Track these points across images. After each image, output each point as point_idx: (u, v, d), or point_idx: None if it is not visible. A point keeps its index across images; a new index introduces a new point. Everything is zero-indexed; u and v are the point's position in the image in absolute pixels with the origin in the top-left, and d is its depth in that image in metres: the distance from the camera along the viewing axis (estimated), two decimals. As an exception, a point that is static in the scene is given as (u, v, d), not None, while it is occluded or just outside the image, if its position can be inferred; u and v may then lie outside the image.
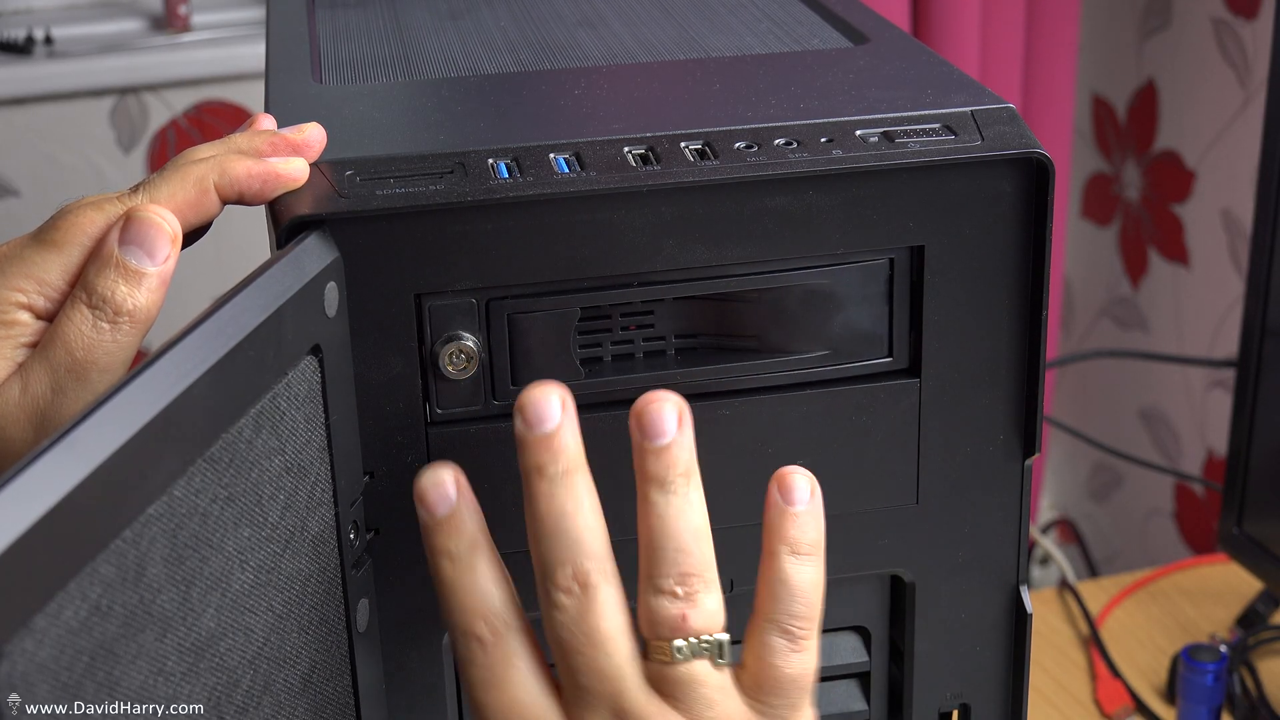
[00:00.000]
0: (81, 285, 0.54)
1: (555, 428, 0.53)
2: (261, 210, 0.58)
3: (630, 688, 0.53)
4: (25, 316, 0.55)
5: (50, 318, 0.55)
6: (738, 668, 0.55)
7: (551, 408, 0.53)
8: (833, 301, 0.60)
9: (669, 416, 0.53)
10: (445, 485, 0.54)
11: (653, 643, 0.53)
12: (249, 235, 1.76)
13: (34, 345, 0.55)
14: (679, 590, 0.53)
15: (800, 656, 0.55)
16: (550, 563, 0.53)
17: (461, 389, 0.58)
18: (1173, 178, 1.78)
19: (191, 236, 0.58)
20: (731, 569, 0.62)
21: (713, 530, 0.61)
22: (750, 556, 0.62)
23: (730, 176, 0.56)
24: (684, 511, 0.54)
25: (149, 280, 0.54)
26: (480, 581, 0.54)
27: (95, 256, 0.54)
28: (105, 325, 0.54)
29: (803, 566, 0.55)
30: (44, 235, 0.55)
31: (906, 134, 0.58)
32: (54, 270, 0.55)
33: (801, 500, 0.55)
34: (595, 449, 0.59)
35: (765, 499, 0.55)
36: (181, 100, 1.83)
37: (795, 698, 0.55)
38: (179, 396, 0.45)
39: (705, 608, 0.54)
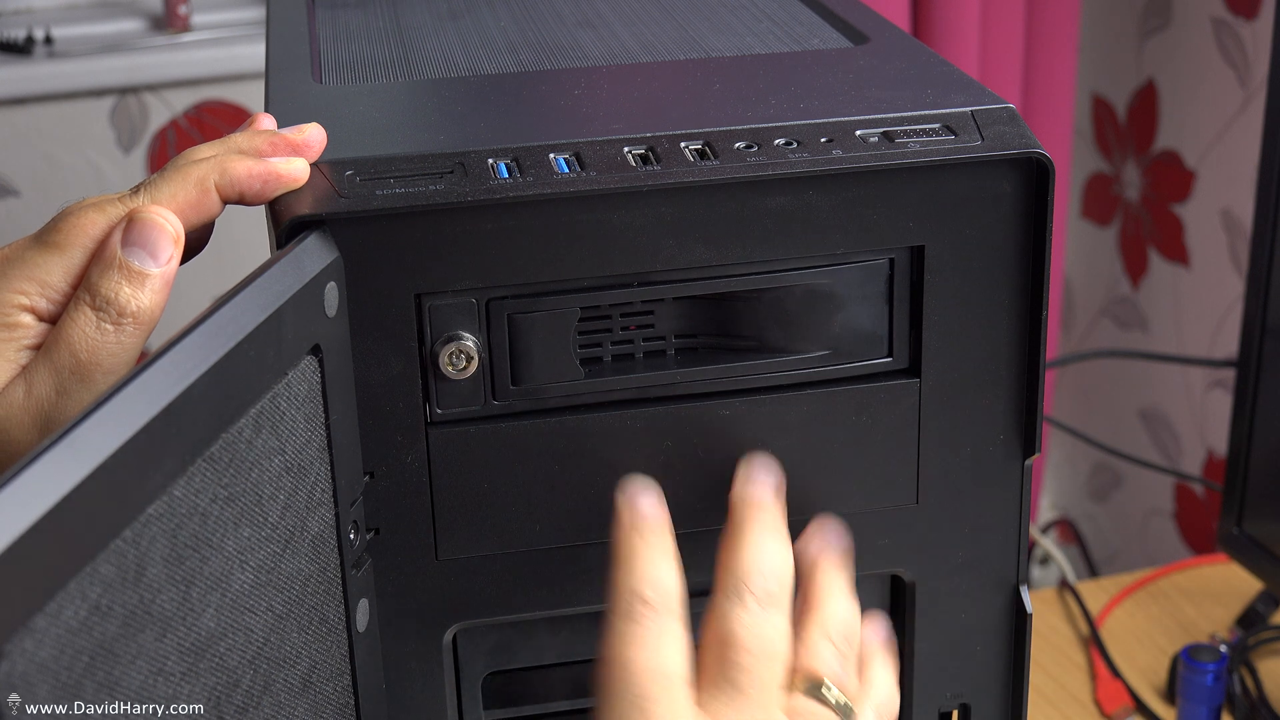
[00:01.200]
0: (85, 287, 0.54)
1: (778, 489, 0.59)
2: (261, 210, 0.58)
3: (773, 702, 0.56)
4: (28, 319, 0.55)
5: (53, 320, 0.55)
6: None
7: (770, 472, 0.59)
8: (833, 301, 0.60)
9: None
10: (651, 496, 0.58)
11: (809, 674, 0.57)
12: (249, 235, 1.76)
13: (37, 347, 0.55)
14: (842, 647, 0.58)
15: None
16: (753, 566, 0.57)
17: (461, 389, 0.58)
18: (1173, 178, 1.78)
19: (193, 248, 0.58)
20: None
21: (712, 530, 0.61)
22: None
23: (730, 176, 0.56)
24: (856, 605, 0.60)
25: (152, 281, 0.54)
26: (662, 558, 0.57)
27: (98, 258, 0.54)
28: (109, 326, 0.54)
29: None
30: (46, 237, 0.55)
31: (906, 134, 0.58)
32: (56, 272, 0.55)
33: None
34: (596, 449, 0.60)
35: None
36: (181, 100, 1.83)
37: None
38: (179, 396, 0.45)
39: (853, 674, 0.59)
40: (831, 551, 0.60)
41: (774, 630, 0.56)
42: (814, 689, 0.57)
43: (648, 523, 0.57)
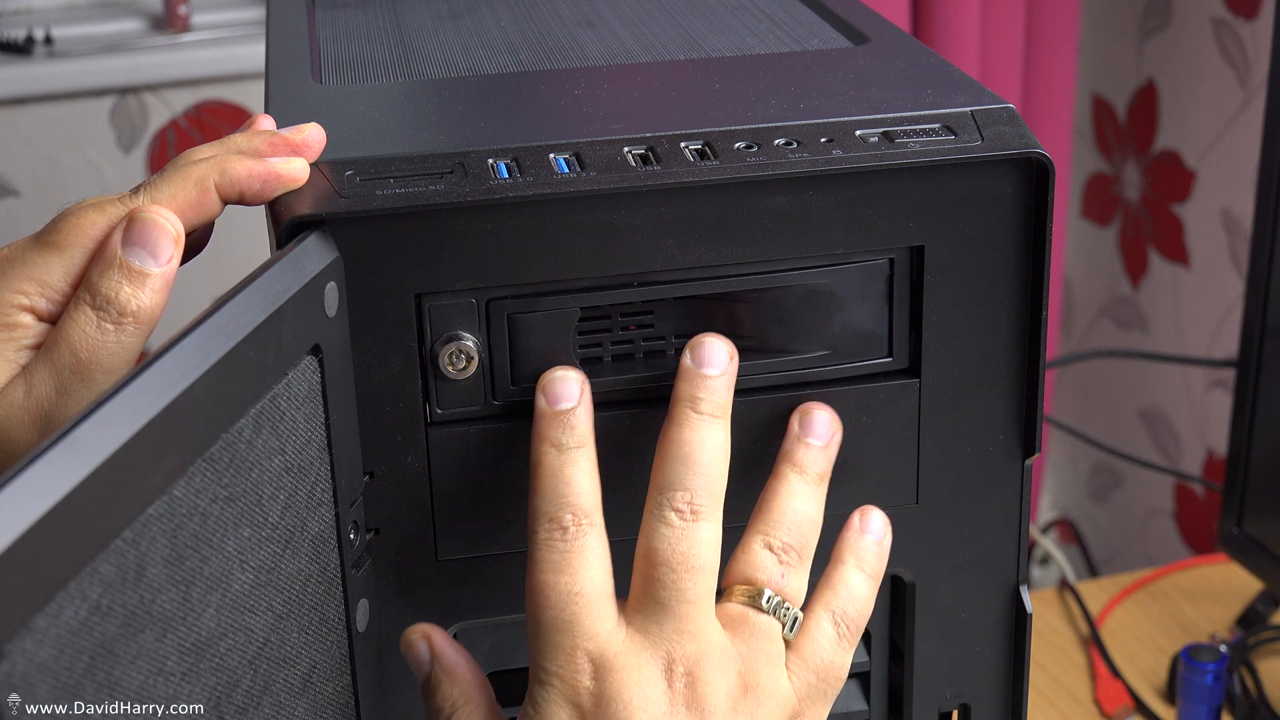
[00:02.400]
0: (85, 287, 0.54)
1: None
2: (261, 210, 0.58)
3: (704, 614, 0.55)
4: (28, 319, 0.55)
5: (53, 320, 0.55)
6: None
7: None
8: (833, 301, 0.60)
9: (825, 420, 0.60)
10: (571, 382, 0.57)
11: (740, 585, 0.56)
12: (249, 235, 1.76)
13: (37, 347, 0.55)
14: (784, 556, 0.57)
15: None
16: (671, 481, 0.56)
17: (461, 389, 0.58)
18: (1173, 178, 1.78)
19: (193, 249, 0.58)
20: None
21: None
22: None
23: (730, 176, 0.56)
24: (808, 497, 0.58)
25: (153, 281, 0.54)
26: (579, 476, 0.56)
27: (98, 258, 0.54)
28: (109, 326, 0.54)
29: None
30: (46, 237, 0.55)
31: (906, 134, 0.58)
32: (56, 272, 0.55)
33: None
34: (597, 448, 0.59)
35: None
36: (181, 100, 1.83)
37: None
38: (179, 396, 0.45)
39: (799, 582, 0.58)
40: (799, 448, 0.59)
41: (697, 543, 0.55)
42: (751, 598, 0.56)
43: (560, 431, 0.56)
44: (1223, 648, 1.14)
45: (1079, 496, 2.07)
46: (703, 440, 0.56)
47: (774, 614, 0.56)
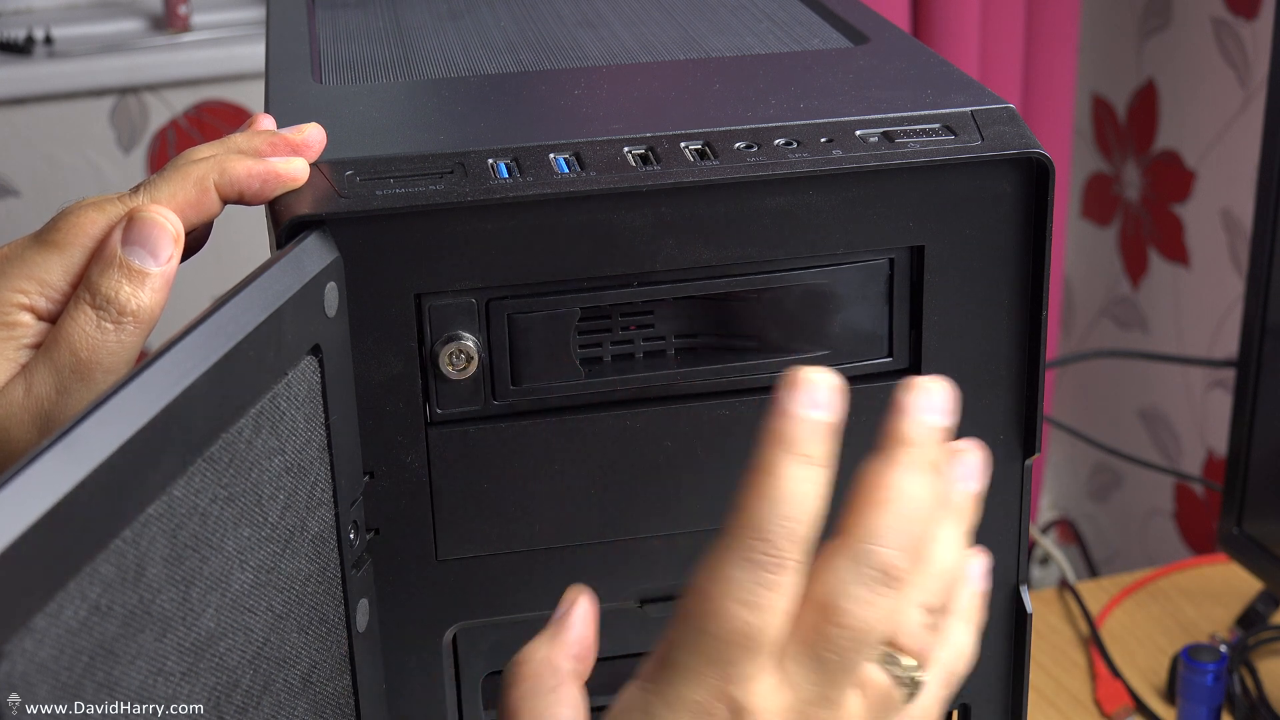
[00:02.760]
0: (85, 286, 0.54)
1: (944, 422, 0.51)
2: (261, 210, 0.58)
3: (853, 681, 0.50)
4: (27, 318, 0.55)
5: (52, 319, 0.55)
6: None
7: (937, 398, 0.51)
8: (833, 301, 0.60)
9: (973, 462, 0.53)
10: (836, 392, 0.49)
11: (889, 641, 0.51)
12: (249, 235, 1.76)
13: (36, 346, 0.55)
14: (928, 617, 0.51)
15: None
16: (880, 535, 0.49)
17: (461, 389, 0.58)
18: (1173, 178, 1.78)
19: (192, 247, 0.58)
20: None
21: (712, 530, 0.61)
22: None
23: (730, 176, 0.56)
24: (965, 556, 0.53)
25: (152, 280, 0.54)
26: (801, 489, 0.49)
27: (98, 257, 0.54)
28: (109, 325, 0.54)
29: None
30: (45, 236, 0.55)
31: (906, 134, 0.58)
32: (56, 271, 0.55)
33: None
34: (596, 449, 0.59)
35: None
36: (181, 100, 1.83)
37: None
38: (179, 396, 0.45)
39: (937, 652, 0.52)
40: (958, 491, 0.53)
41: (882, 614, 0.49)
42: (889, 661, 0.50)
43: (798, 436, 0.49)
44: (1223, 648, 1.14)
45: (1079, 496, 2.07)
46: (912, 491, 0.50)
47: (903, 683, 0.51)
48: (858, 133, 0.58)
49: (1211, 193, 1.72)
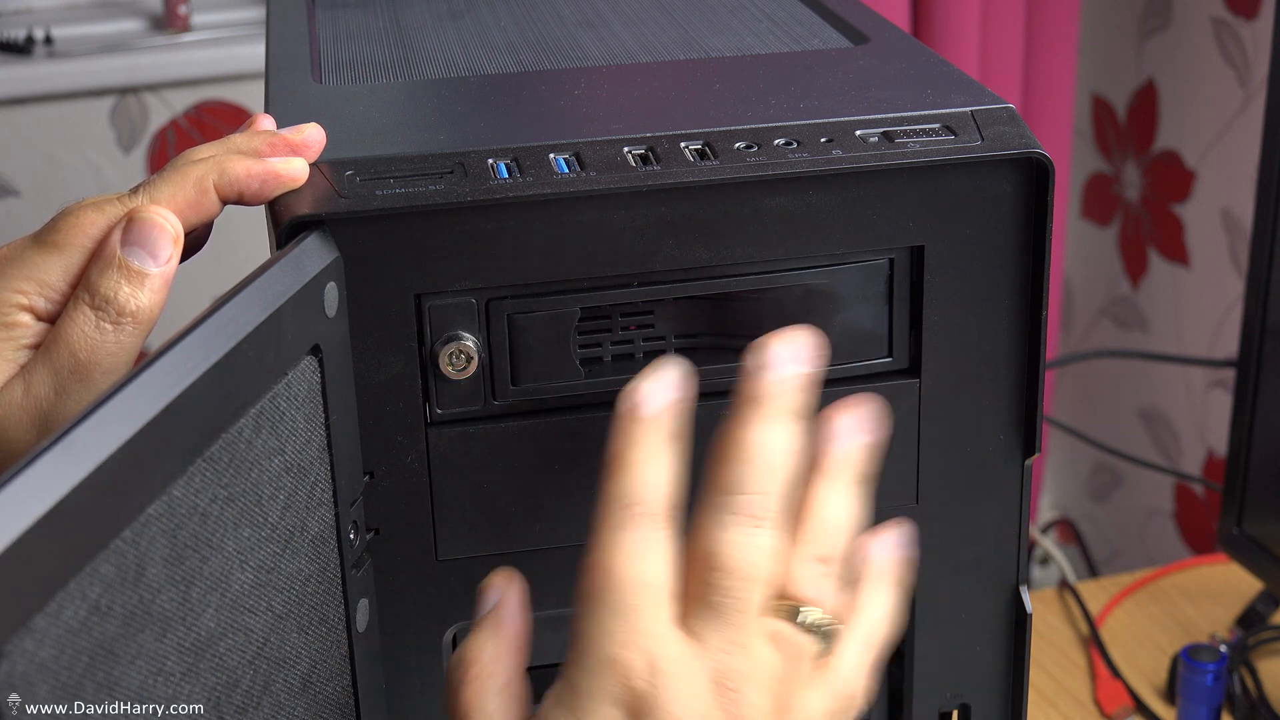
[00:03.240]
0: (84, 286, 0.54)
1: (797, 372, 0.54)
2: (261, 210, 0.58)
3: (757, 626, 0.53)
4: (27, 318, 0.55)
5: (52, 319, 0.55)
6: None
7: (787, 351, 0.55)
8: (833, 301, 0.60)
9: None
10: (664, 383, 0.54)
11: (784, 600, 0.54)
12: (249, 235, 1.76)
13: (35, 347, 0.55)
14: (825, 568, 0.54)
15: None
16: (740, 484, 0.53)
17: (461, 389, 0.58)
18: (1173, 178, 1.78)
19: (192, 248, 0.58)
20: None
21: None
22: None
23: (730, 176, 0.56)
24: (847, 501, 0.56)
25: (152, 281, 0.54)
26: (654, 460, 0.53)
27: (98, 258, 0.54)
28: (108, 326, 0.54)
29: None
30: (45, 237, 0.55)
31: (906, 134, 0.58)
32: (55, 272, 0.55)
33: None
34: (596, 449, 0.59)
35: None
36: (181, 100, 1.83)
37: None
38: (179, 396, 0.45)
39: (835, 595, 0.55)
40: (839, 447, 0.56)
41: (759, 552, 0.53)
42: (793, 613, 0.54)
43: (644, 419, 0.53)
44: (1223, 648, 1.14)
45: (1079, 496, 2.07)
46: (767, 440, 0.54)
47: (813, 633, 0.54)
48: (858, 133, 0.58)
49: (1211, 193, 1.72)
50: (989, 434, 0.62)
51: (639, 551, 0.52)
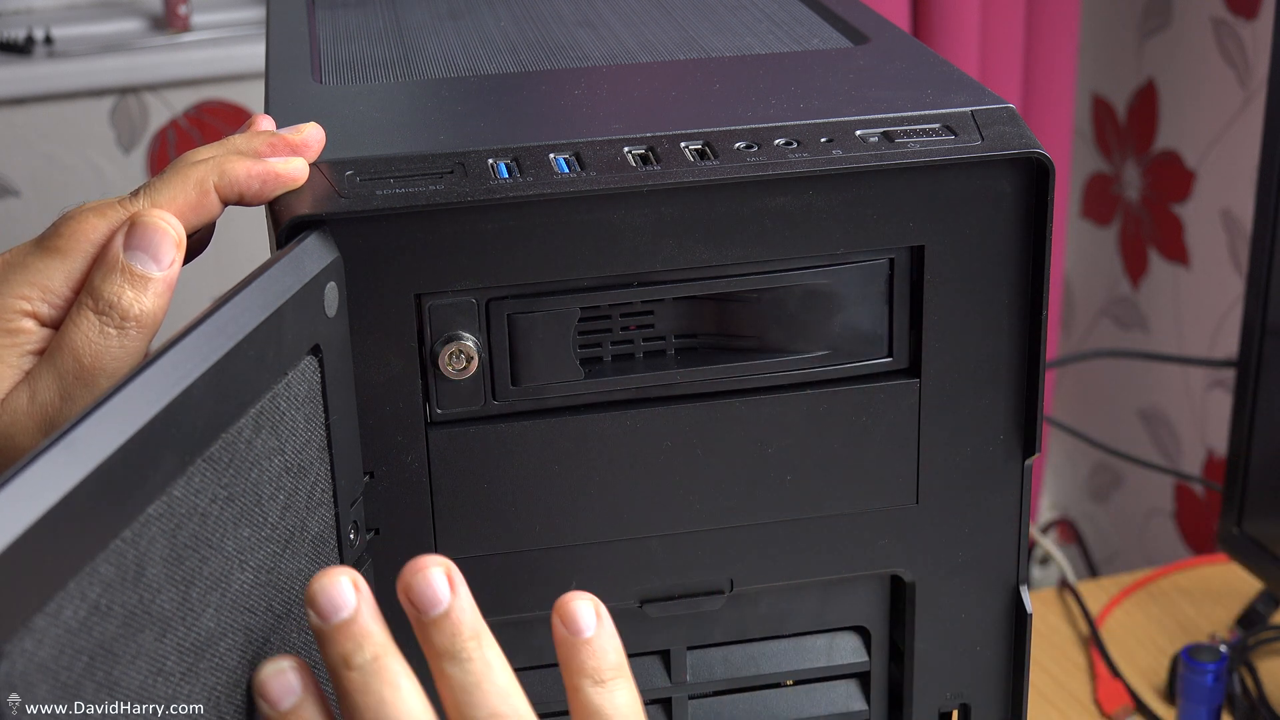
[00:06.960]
0: (87, 291, 0.54)
1: (353, 613, 0.50)
2: (261, 210, 0.58)
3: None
4: (30, 324, 0.55)
5: (55, 325, 0.55)
6: None
7: (345, 594, 0.50)
8: (833, 301, 0.60)
9: (440, 585, 0.52)
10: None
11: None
12: (249, 235, 1.76)
13: (40, 353, 0.55)
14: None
15: None
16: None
17: (461, 389, 0.58)
18: (1173, 178, 1.78)
19: (194, 250, 0.58)
20: (731, 569, 0.62)
21: (712, 530, 0.61)
22: (750, 556, 0.62)
23: (730, 176, 0.56)
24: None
25: (155, 285, 0.54)
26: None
27: (100, 262, 0.54)
28: (112, 331, 0.54)
29: (613, 694, 0.52)
30: (47, 242, 0.55)
31: (906, 134, 0.58)
32: (58, 277, 0.55)
33: (589, 626, 0.52)
34: (596, 449, 0.60)
35: (552, 633, 0.53)
36: (181, 100, 1.83)
37: None
38: (179, 396, 0.45)
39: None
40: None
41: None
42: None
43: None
44: (1223, 648, 1.14)
45: (1079, 496, 2.07)
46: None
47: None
48: (858, 133, 0.58)
49: (1211, 193, 1.72)
50: (989, 434, 0.62)
51: None
